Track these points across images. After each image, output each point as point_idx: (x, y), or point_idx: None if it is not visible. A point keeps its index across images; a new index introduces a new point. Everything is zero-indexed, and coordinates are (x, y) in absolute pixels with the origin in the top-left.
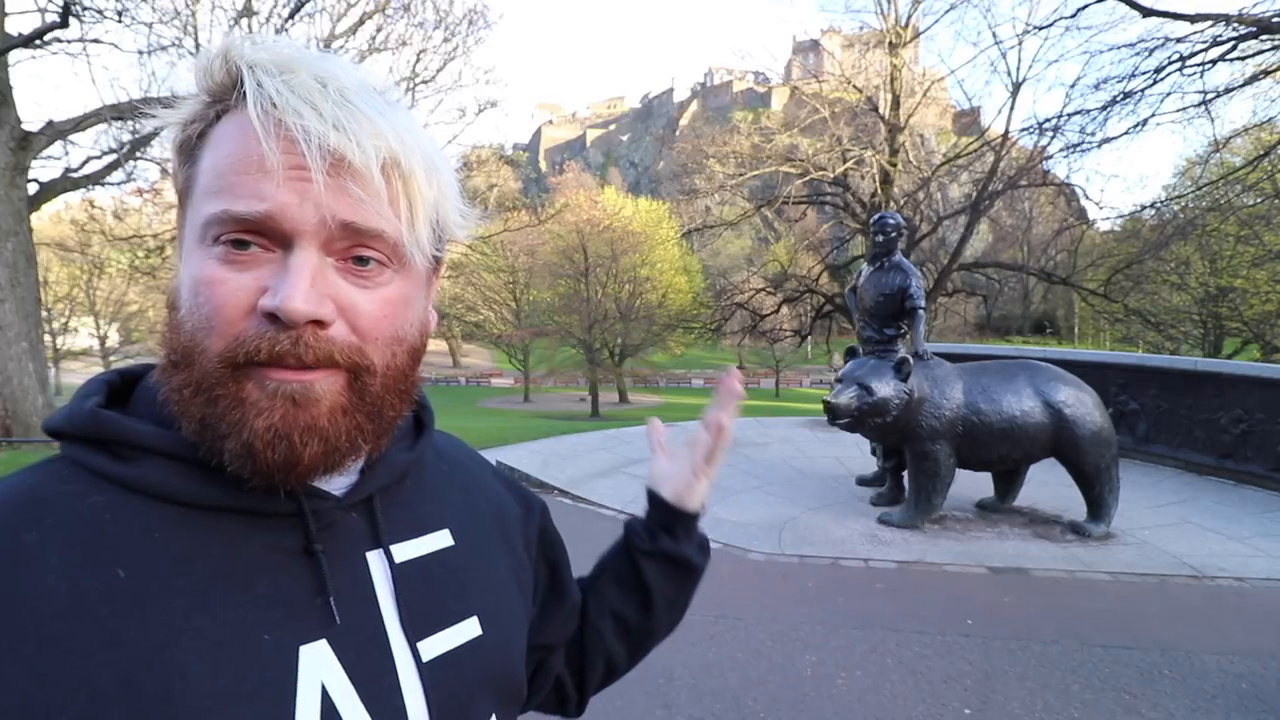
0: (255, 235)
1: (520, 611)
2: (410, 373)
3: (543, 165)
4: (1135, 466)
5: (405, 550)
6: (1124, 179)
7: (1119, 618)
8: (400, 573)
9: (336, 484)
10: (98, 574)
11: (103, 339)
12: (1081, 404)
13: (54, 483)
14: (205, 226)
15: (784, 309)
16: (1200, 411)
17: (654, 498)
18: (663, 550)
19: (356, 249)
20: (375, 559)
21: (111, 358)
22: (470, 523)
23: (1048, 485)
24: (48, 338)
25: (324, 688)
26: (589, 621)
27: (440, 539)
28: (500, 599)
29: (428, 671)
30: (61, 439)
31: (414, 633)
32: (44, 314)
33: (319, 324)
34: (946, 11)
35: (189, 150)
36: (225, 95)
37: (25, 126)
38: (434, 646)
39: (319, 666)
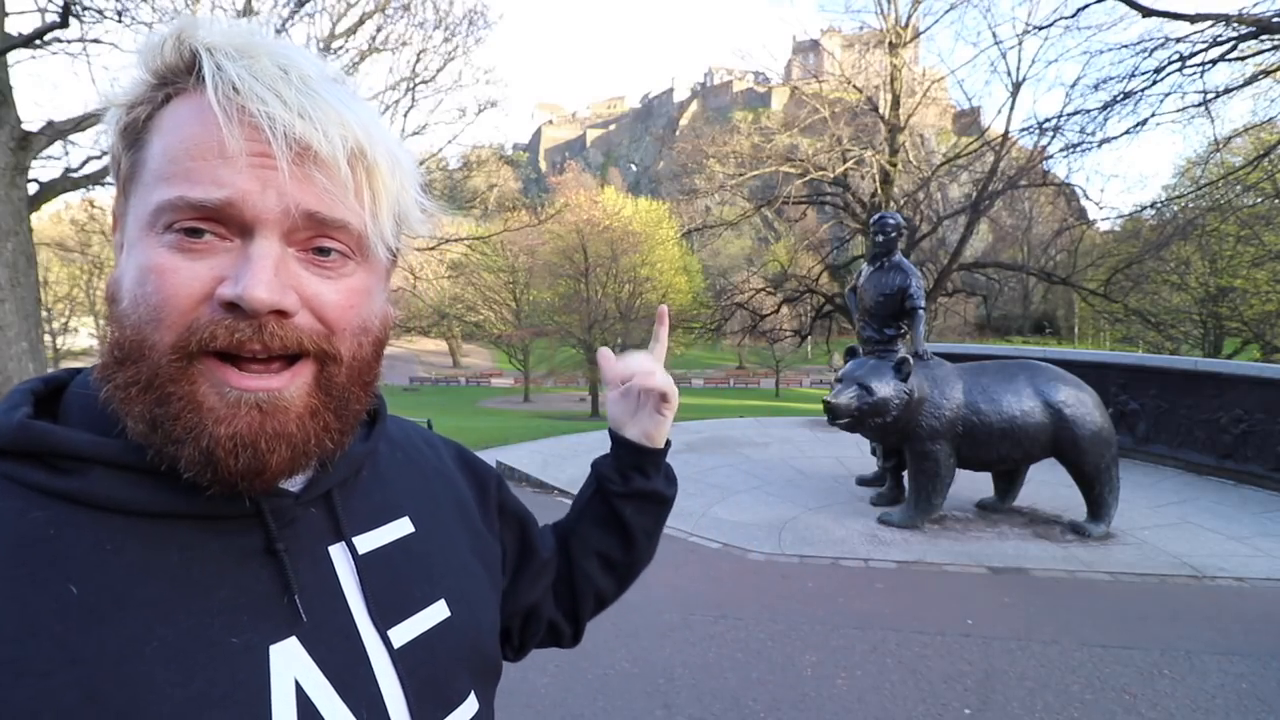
0: (211, 223)
1: (486, 589)
2: (374, 364)
3: (543, 165)
4: (1135, 466)
5: (367, 541)
6: (1124, 179)
7: (1119, 618)
8: (364, 563)
9: (293, 480)
10: (48, 592)
11: (103, 339)
12: (1081, 404)
13: None
14: (156, 213)
15: (784, 309)
16: (1200, 411)
17: (619, 440)
18: (637, 490)
19: (319, 239)
20: (338, 552)
21: None
22: (429, 508)
23: (1048, 485)
24: (48, 338)
25: (298, 684)
26: (575, 564)
27: (401, 526)
28: (465, 579)
29: (400, 658)
30: None
31: (383, 621)
32: (44, 314)
33: (282, 314)
34: (946, 11)
35: (134, 134)
36: (176, 78)
37: (25, 126)
38: (404, 633)
39: (291, 664)
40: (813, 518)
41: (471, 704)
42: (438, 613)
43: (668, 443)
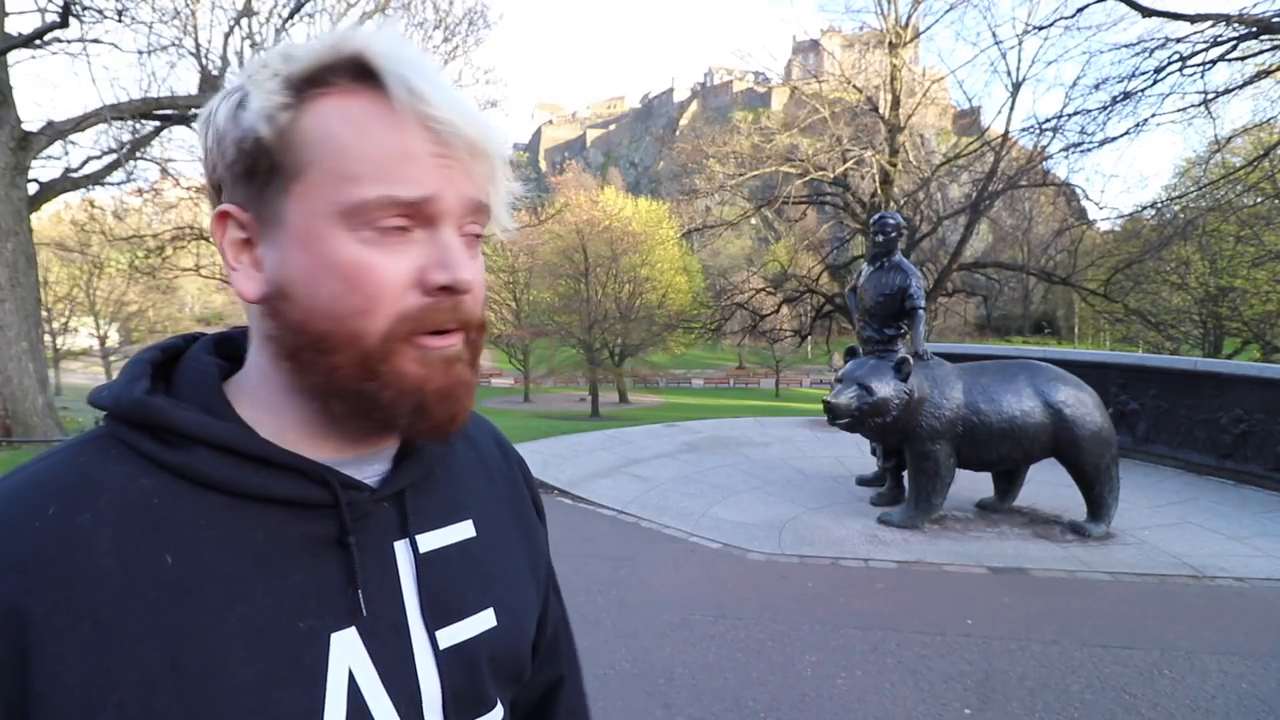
0: (407, 218)
1: (533, 601)
2: None
3: (543, 165)
4: (1135, 466)
5: (430, 540)
6: (1124, 179)
7: (1119, 618)
8: (424, 562)
9: (370, 473)
10: (148, 559)
11: (103, 339)
12: (1081, 404)
13: (104, 462)
14: (352, 211)
15: (784, 309)
16: (1200, 411)
17: None
18: None
19: (472, 225)
20: (401, 548)
21: (112, 358)
22: (492, 512)
23: (1048, 485)
24: (48, 338)
25: (351, 673)
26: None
27: (464, 529)
28: (515, 590)
29: (444, 659)
30: (111, 418)
31: (434, 622)
32: (44, 314)
33: (466, 291)
34: (946, 11)
35: (279, 135)
36: (330, 80)
37: (25, 126)
38: (451, 635)
39: (347, 653)
40: (813, 518)
41: (499, 711)
42: (485, 621)
43: None
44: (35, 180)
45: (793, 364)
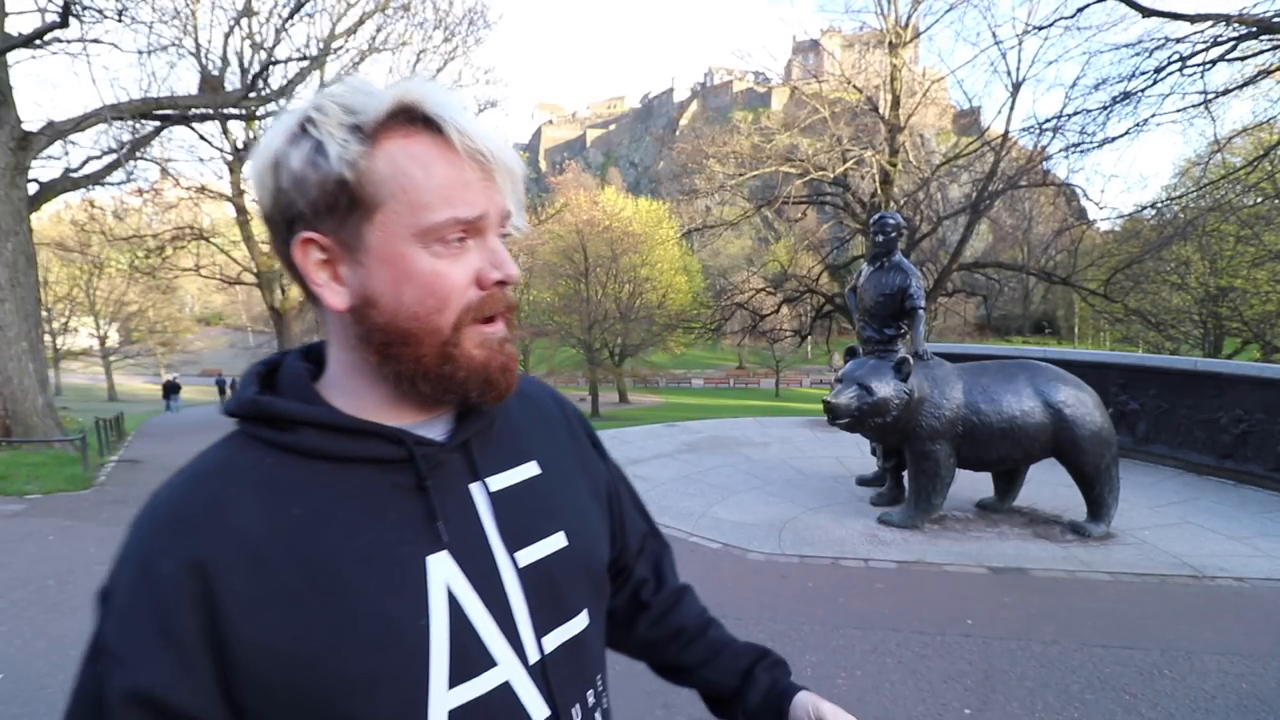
0: (465, 232)
1: (600, 526)
2: None
3: (543, 165)
4: (1135, 466)
5: (499, 481)
6: (1124, 179)
7: (1119, 618)
8: (497, 499)
9: (438, 430)
10: (281, 513)
11: (103, 339)
12: (1081, 404)
13: (239, 451)
14: (426, 232)
15: (784, 309)
16: (1200, 411)
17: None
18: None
19: (504, 228)
20: (476, 489)
21: (111, 358)
22: (554, 454)
23: (1048, 485)
24: (48, 338)
25: (448, 586)
26: (657, 643)
27: (529, 469)
28: (583, 516)
29: (524, 575)
30: (238, 419)
31: (511, 545)
32: (44, 314)
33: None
34: (946, 11)
35: (357, 174)
36: (387, 122)
37: (25, 126)
38: (528, 555)
39: (443, 570)
40: (813, 518)
41: (583, 619)
42: (557, 542)
43: None
44: (35, 180)
45: (793, 364)
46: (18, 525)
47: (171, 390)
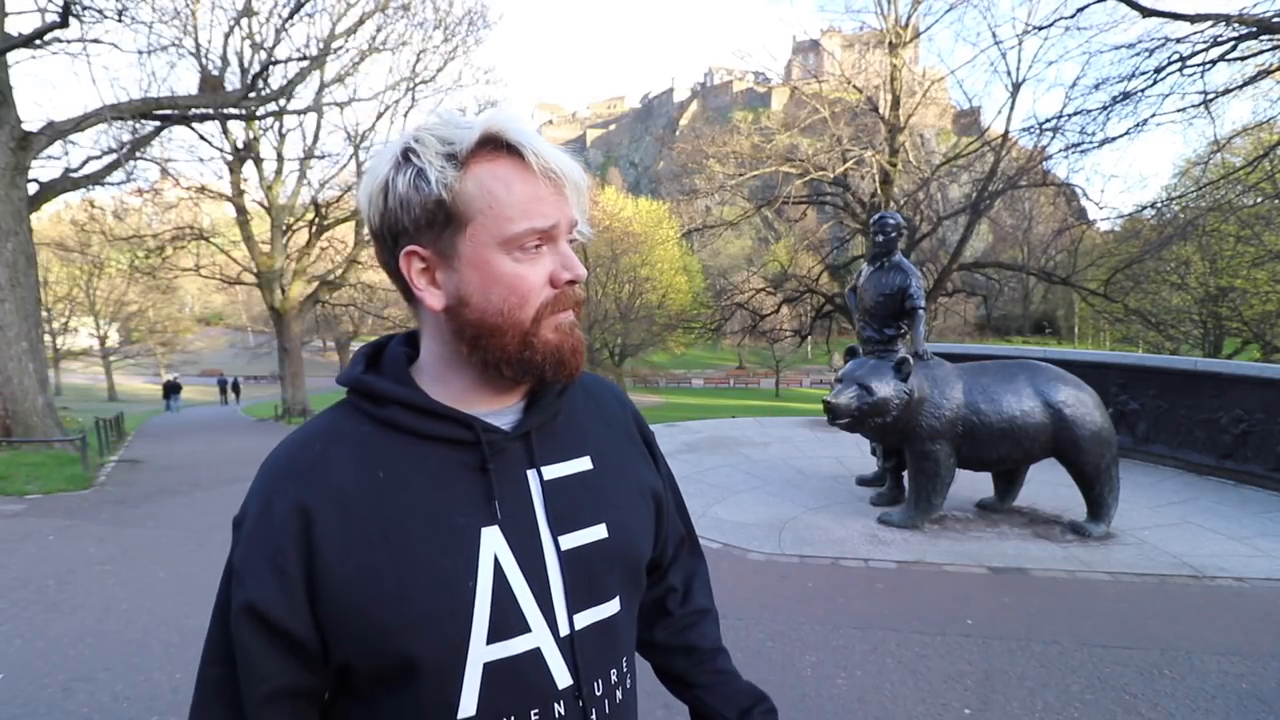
0: (541, 240)
1: (644, 524)
2: None
3: None
4: (1135, 466)
5: (553, 471)
6: (1124, 179)
7: (1119, 618)
8: (548, 487)
9: (506, 420)
10: (368, 473)
11: (103, 339)
12: (1081, 404)
13: (343, 419)
14: (509, 241)
15: (784, 309)
16: (1200, 411)
17: None
18: None
19: (572, 235)
20: (532, 475)
21: (111, 358)
22: (608, 451)
23: (1048, 485)
24: (48, 338)
25: (495, 556)
26: (667, 650)
27: (582, 464)
28: (628, 512)
29: (564, 558)
30: (346, 389)
31: (556, 529)
32: (44, 314)
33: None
34: (946, 11)
35: (452, 193)
36: (475, 150)
37: (25, 126)
38: (570, 541)
39: (493, 542)
40: (813, 518)
41: (615, 604)
42: (598, 533)
43: None
44: (35, 180)
45: (793, 364)
46: (18, 525)
47: (171, 390)
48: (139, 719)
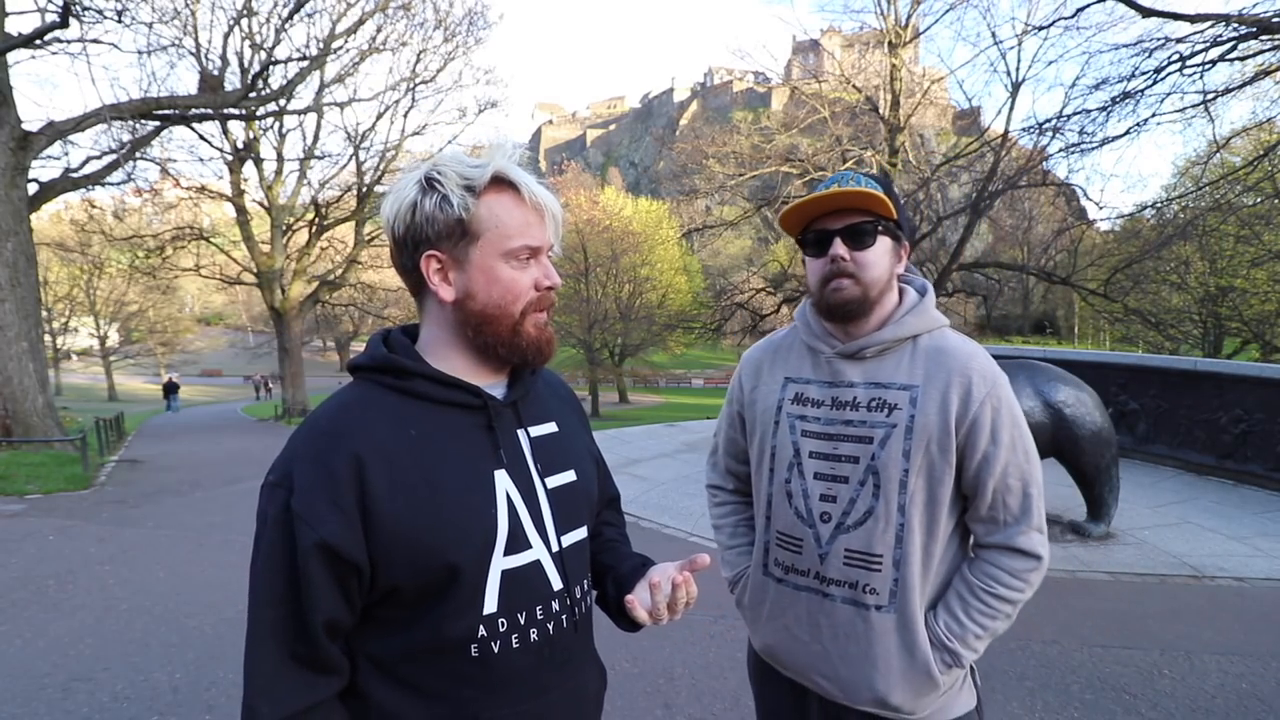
0: (531, 254)
1: (594, 473)
2: None
3: (543, 165)
4: (1135, 466)
5: (535, 430)
6: (1124, 179)
7: (1119, 618)
8: (534, 442)
9: (498, 391)
10: (403, 431)
11: (103, 339)
12: (1081, 404)
13: (368, 391)
14: (509, 253)
15: (784, 309)
16: (1200, 411)
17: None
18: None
19: (551, 252)
20: (522, 434)
21: (112, 358)
22: (566, 421)
23: (1048, 485)
24: (48, 338)
25: (508, 493)
26: (594, 559)
27: (552, 427)
28: (586, 464)
29: (551, 495)
30: (363, 370)
31: (543, 473)
32: (44, 314)
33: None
34: (946, 11)
35: (468, 213)
36: (486, 184)
37: (25, 126)
38: (554, 481)
39: (504, 483)
40: None
41: (584, 530)
42: (570, 476)
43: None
44: (35, 180)
45: None
46: (18, 525)
47: (171, 390)
48: (139, 719)
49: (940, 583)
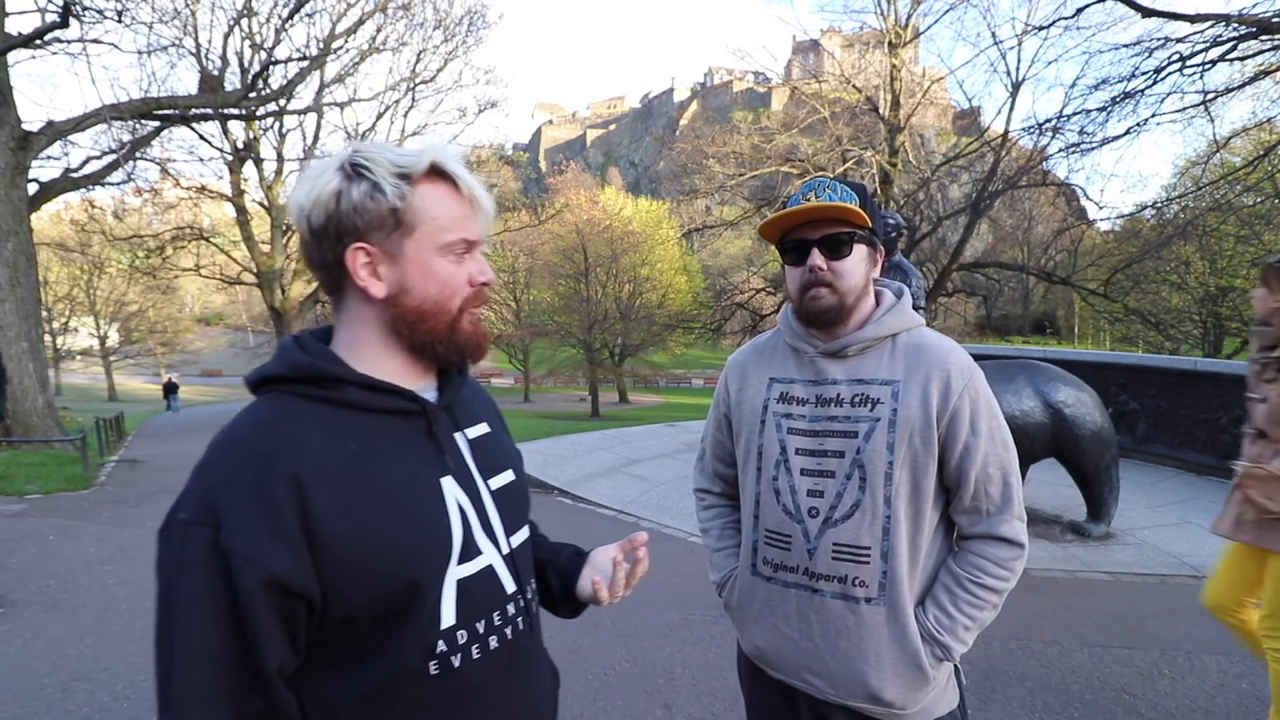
0: (466, 248)
1: (524, 469)
2: None
3: (543, 165)
4: (1135, 466)
5: (471, 432)
6: (1124, 179)
7: (1119, 618)
8: (472, 444)
9: (429, 395)
10: (342, 446)
11: (103, 339)
12: (1081, 404)
13: (290, 405)
14: (446, 247)
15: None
16: (1200, 411)
17: (575, 588)
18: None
19: (483, 247)
20: (460, 437)
21: (112, 358)
22: (492, 419)
23: (1048, 485)
24: (48, 338)
25: (456, 499)
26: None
27: (484, 428)
28: (517, 461)
29: (495, 495)
30: (280, 381)
31: (485, 474)
32: (44, 314)
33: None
34: (946, 11)
35: (405, 203)
36: (423, 175)
37: (25, 126)
38: (496, 482)
39: (452, 489)
40: None
41: (527, 529)
42: (509, 477)
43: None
44: (35, 180)
45: None
46: (18, 525)
47: (171, 390)
48: (139, 719)
49: (927, 576)
